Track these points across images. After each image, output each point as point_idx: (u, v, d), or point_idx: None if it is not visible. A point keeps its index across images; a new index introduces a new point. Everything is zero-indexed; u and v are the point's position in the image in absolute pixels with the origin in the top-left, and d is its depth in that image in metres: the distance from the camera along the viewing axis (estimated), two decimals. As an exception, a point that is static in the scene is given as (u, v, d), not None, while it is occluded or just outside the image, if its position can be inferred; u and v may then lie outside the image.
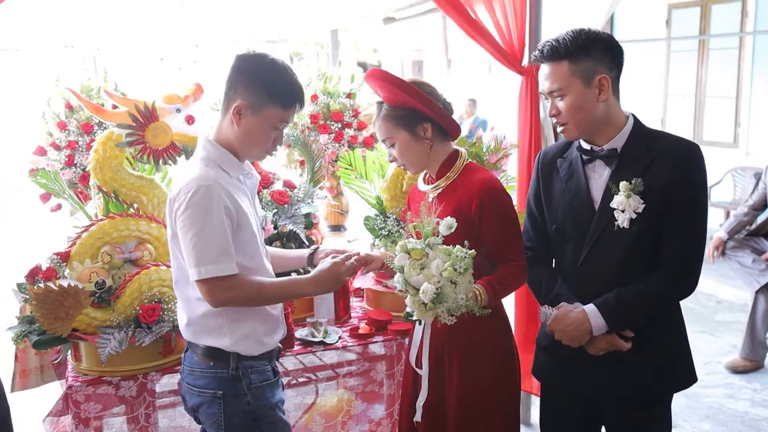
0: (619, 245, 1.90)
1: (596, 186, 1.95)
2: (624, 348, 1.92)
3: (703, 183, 1.90)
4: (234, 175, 1.92)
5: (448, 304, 1.80)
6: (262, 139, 1.91)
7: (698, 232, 1.90)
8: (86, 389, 2.17)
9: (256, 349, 1.95)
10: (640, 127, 1.96)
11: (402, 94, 2.01)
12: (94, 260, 2.26)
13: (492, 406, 2.07)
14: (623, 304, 1.89)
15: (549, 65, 1.90)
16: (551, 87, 1.90)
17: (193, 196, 1.79)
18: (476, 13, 3.12)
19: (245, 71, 1.88)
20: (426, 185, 2.15)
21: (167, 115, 2.35)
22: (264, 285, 1.89)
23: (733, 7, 7.17)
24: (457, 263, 1.79)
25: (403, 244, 1.85)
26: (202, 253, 1.78)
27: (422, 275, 1.79)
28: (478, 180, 2.07)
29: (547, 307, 1.99)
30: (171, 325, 2.20)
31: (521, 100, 3.24)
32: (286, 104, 1.89)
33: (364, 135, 3.47)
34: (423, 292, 1.78)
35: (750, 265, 4.21)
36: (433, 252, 1.82)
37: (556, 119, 1.94)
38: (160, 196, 2.40)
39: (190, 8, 5.06)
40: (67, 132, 3.15)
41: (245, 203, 1.92)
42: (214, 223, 1.79)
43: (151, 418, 2.25)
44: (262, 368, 1.97)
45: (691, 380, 2.02)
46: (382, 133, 2.10)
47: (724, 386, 4.05)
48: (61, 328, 2.13)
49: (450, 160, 2.10)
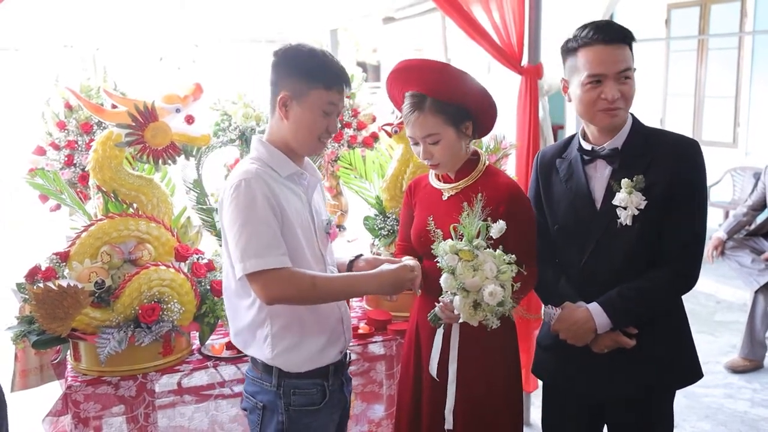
0: (622, 243, 1.91)
1: (597, 185, 1.96)
2: (628, 345, 1.93)
3: (703, 180, 1.92)
4: (284, 174, 1.85)
5: (502, 308, 1.77)
6: (312, 127, 1.83)
7: (699, 229, 1.92)
8: (85, 389, 2.17)
9: (302, 365, 1.86)
10: (639, 126, 1.97)
11: (459, 87, 1.94)
12: (93, 260, 2.26)
13: (503, 407, 2.06)
14: (626, 301, 1.90)
15: (615, 47, 1.87)
16: (623, 67, 1.86)
17: (236, 190, 1.76)
18: (475, 13, 3.12)
19: (283, 63, 1.84)
20: (441, 183, 2.09)
21: (167, 114, 2.34)
22: (318, 279, 1.79)
23: (732, 7, 7.16)
24: (506, 266, 1.79)
25: (452, 244, 1.80)
26: (247, 246, 1.73)
27: (477, 276, 1.75)
28: (504, 184, 2.04)
29: (551, 307, 1.98)
30: (170, 325, 2.20)
31: (520, 100, 3.24)
32: (329, 85, 1.81)
33: (363, 135, 3.47)
34: (491, 294, 1.73)
35: (749, 265, 4.21)
36: (481, 254, 1.79)
37: (611, 102, 1.87)
38: (159, 195, 2.40)
39: (189, 8, 5.05)
40: (67, 132, 3.14)
41: (294, 203, 1.85)
42: (258, 216, 1.74)
43: (151, 417, 2.24)
44: (308, 390, 1.87)
45: (696, 376, 2.03)
46: (425, 129, 1.97)
47: (723, 386, 4.06)
48: (61, 328, 2.12)
49: (473, 161, 2.07)
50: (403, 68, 2.02)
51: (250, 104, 2.95)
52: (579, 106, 1.93)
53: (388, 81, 2.08)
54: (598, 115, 1.91)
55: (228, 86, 3.26)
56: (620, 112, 1.90)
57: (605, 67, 1.86)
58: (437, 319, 1.90)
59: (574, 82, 1.93)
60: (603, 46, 1.87)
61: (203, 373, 2.28)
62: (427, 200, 2.12)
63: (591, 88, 1.88)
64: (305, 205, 1.91)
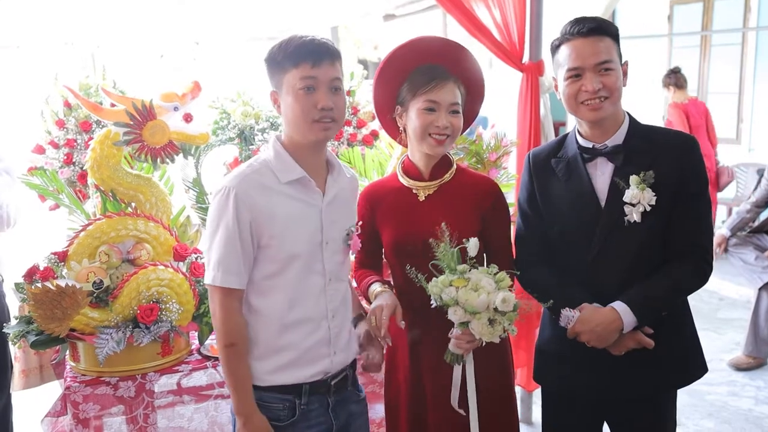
0: (631, 240, 1.90)
1: (600, 183, 1.94)
2: (650, 345, 1.90)
3: (706, 173, 1.94)
4: (284, 180, 1.77)
5: (515, 311, 1.79)
6: (298, 110, 1.74)
7: (710, 222, 1.94)
8: (84, 390, 2.16)
9: (263, 379, 1.80)
10: (636, 123, 1.97)
11: (482, 85, 2.04)
12: (91, 260, 2.24)
13: (513, 406, 2.10)
14: (652, 298, 1.89)
15: (593, 39, 1.87)
16: (602, 59, 1.86)
17: (215, 197, 1.76)
18: (476, 10, 3.10)
19: (265, 64, 1.82)
20: (412, 181, 2.05)
21: (165, 113, 2.33)
22: (239, 346, 1.76)
23: (735, 3, 7.12)
24: (500, 275, 1.81)
25: (442, 280, 1.81)
26: (209, 257, 1.76)
27: (482, 294, 1.76)
28: (486, 179, 2.08)
29: (569, 310, 1.92)
30: (169, 325, 2.18)
31: (521, 97, 3.22)
32: (296, 62, 1.73)
33: (363, 133, 3.44)
34: (504, 301, 1.75)
35: (753, 263, 4.19)
36: (471, 274, 1.81)
37: (593, 94, 1.86)
38: (158, 195, 2.38)
39: (190, 5, 5.04)
40: (66, 130, 3.12)
41: (290, 211, 1.77)
42: (225, 230, 1.72)
43: (150, 418, 2.23)
44: (272, 404, 1.81)
45: (702, 370, 2.03)
46: (454, 96, 1.96)
47: (727, 384, 4.04)
48: (59, 328, 2.11)
49: (448, 159, 2.07)
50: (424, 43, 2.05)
51: (249, 102, 2.93)
52: (564, 101, 1.94)
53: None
54: (581, 109, 1.91)
55: (229, 84, 3.25)
56: (605, 105, 1.89)
57: (582, 59, 1.87)
58: (456, 356, 1.88)
59: (559, 77, 1.95)
60: (581, 39, 1.88)
61: (202, 373, 2.27)
62: (399, 205, 2.04)
63: (572, 82, 1.90)
64: (312, 214, 1.81)
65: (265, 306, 1.80)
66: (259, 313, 1.81)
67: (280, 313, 1.79)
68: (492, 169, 2.78)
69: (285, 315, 1.79)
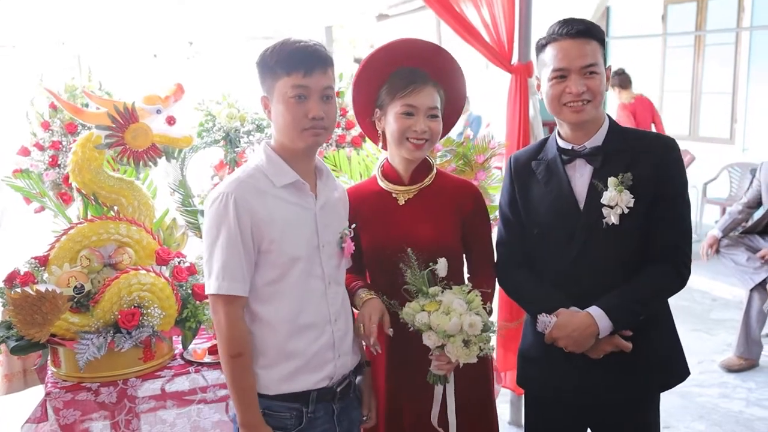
0: (609, 243, 1.88)
1: (579, 185, 1.93)
2: (627, 348, 1.89)
3: (686, 175, 1.93)
4: (279, 184, 1.76)
5: (488, 332, 1.78)
6: (289, 118, 1.73)
7: (688, 224, 1.93)
8: (65, 395, 2.13)
9: (271, 387, 1.78)
10: (615, 125, 1.96)
11: (463, 88, 2.03)
12: (73, 264, 2.22)
13: (493, 420, 2.10)
14: (629, 302, 1.87)
15: (580, 41, 1.86)
16: (587, 62, 1.85)
17: (212, 205, 1.74)
18: (465, 10, 3.09)
19: (257, 68, 1.79)
20: (392, 185, 2.03)
21: (147, 116, 2.31)
22: (245, 356, 1.73)
23: (729, 3, 7.12)
24: (471, 296, 1.80)
25: (413, 306, 1.81)
26: (210, 267, 1.73)
27: (453, 317, 1.75)
28: (466, 183, 2.08)
29: (545, 315, 1.91)
30: (151, 330, 2.16)
31: (510, 99, 3.21)
32: (288, 70, 1.71)
33: (352, 134, 3.43)
34: (471, 326, 1.74)
35: (744, 264, 4.17)
36: (443, 296, 1.80)
37: (576, 97, 1.85)
38: (140, 198, 2.36)
39: (185, 5, 5.03)
40: (51, 132, 3.10)
41: (287, 216, 1.76)
42: (226, 237, 1.70)
43: (132, 424, 2.21)
44: (279, 413, 1.78)
45: (684, 374, 2.02)
46: (432, 100, 1.93)
47: (718, 385, 4.03)
48: (39, 333, 2.09)
49: (428, 163, 2.05)
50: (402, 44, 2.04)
51: (234, 104, 2.91)
52: (547, 101, 1.93)
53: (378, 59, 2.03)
54: (564, 110, 1.89)
55: (223, 84, 3.22)
56: (588, 108, 1.88)
57: (569, 61, 1.85)
58: (439, 377, 1.87)
59: (543, 77, 1.93)
60: (568, 41, 1.86)
61: (185, 378, 2.24)
62: (378, 209, 2.02)
63: (557, 83, 1.88)
64: (307, 217, 1.80)
65: (270, 313, 1.78)
66: (264, 321, 1.79)
67: (286, 320, 1.78)
68: (479, 172, 2.76)
69: (291, 321, 1.78)
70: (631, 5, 7.77)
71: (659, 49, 7.99)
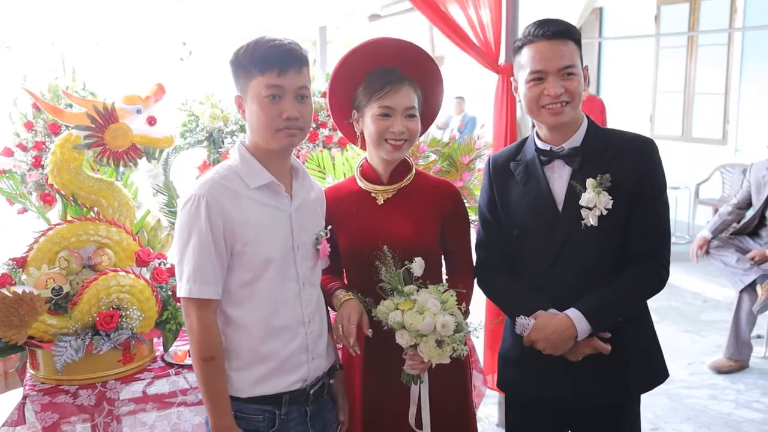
0: (589, 244, 1.87)
1: (557, 186, 1.91)
2: (606, 350, 1.88)
3: (664, 174, 1.91)
4: (253, 185, 1.74)
5: (462, 332, 1.76)
6: (263, 118, 1.70)
7: (667, 224, 1.92)
8: (42, 398, 2.11)
9: (243, 390, 1.76)
10: (593, 126, 1.95)
11: (440, 86, 2.04)
12: (51, 266, 2.20)
13: (471, 421, 2.08)
14: (607, 304, 1.86)
15: (557, 43, 1.83)
16: (564, 63, 1.83)
17: (184, 207, 1.71)
18: (451, 11, 3.07)
19: (230, 67, 1.77)
20: (370, 184, 2.02)
21: (127, 116, 2.29)
22: (218, 360, 1.71)
23: (722, 4, 7.13)
24: (445, 296, 1.79)
25: (387, 303, 1.79)
26: (182, 269, 1.71)
27: (427, 317, 1.73)
28: (445, 183, 2.07)
29: (524, 318, 1.89)
30: (130, 332, 2.14)
31: (497, 100, 3.20)
32: (262, 69, 1.69)
33: (339, 135, 3.41)
34: (443, 326, 1.72)
35: (734, 265, 4.17)
36: (418, 295, 1.79)
37: (555, 99, 1.83)
38: (120, 199, 2.34)
39: (178, 5, 5.01)
40: (34, 132, 3.08)
41: (261, 217, 1.74)
42: (195, 240, 1.68)
43: (111, 426, 2.19)
44: (251, 415, 1.77)
45: (663, 376, 2.01)
46: (409, 100, 1.92)
47: (707, 387, 4.02)
48: (16, 336, 2.07)
49: (407, 163, 2.04)
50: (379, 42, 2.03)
51: (217, 104, 2.90)
52: (524, 103, 1.91)
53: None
54: (542, 113, 1.88)
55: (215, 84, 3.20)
56: (566, 109, 1.86)
57: (546, 63, 1.83)
58: (412, 377, 1.85)
59: (520, 80, 1.91)
60: (545, 42, 1.84)
61: (165, 380, 2.22)
62: (357, 208, 2.01)
63: (534, 85, 1.86)
64: (282, 219, 1.79)
65: (243, 315, 1.76)
66: (238, 324, 1.77)
67: (260, 322, 1.76)
68: (465, 172, 2.75)
69: (265, 323, 1.77)
70: (624, 6, 7.78)
71: (652, 49, 7.99)
